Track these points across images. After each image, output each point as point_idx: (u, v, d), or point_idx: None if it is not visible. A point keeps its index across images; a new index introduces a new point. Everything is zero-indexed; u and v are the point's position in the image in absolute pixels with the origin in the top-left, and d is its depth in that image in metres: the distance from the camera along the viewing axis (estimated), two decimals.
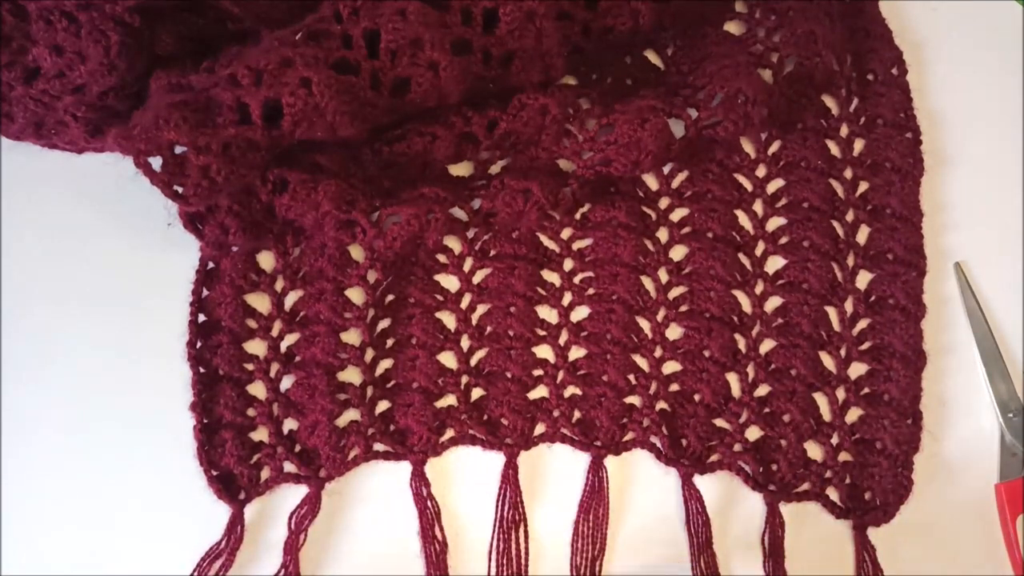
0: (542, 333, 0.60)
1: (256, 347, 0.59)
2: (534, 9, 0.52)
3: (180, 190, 0.51)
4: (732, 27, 0.64)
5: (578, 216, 0.62)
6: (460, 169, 0.63)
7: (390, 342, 0.60)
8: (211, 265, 0.60)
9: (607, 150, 0.58)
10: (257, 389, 0.58)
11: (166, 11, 0.52)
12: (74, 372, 0.59)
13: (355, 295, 0.60)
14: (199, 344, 0.59)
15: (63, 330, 0.60)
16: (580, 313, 0.61)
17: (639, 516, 0.57)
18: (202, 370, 0.58)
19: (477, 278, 0.61)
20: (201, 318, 0.59)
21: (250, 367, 0.58)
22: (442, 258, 0.61)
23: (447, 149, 0.59)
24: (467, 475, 0.58)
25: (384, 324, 0.60)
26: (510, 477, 0.57)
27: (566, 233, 0.62)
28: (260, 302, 0.60)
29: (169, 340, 0.59)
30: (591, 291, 0.61)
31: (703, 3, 0.62)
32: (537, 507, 0.57)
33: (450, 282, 0.61)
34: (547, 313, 0.61)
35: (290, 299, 0.60)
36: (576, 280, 0.61)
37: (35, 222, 0.61)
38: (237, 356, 0.58)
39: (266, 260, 0.60)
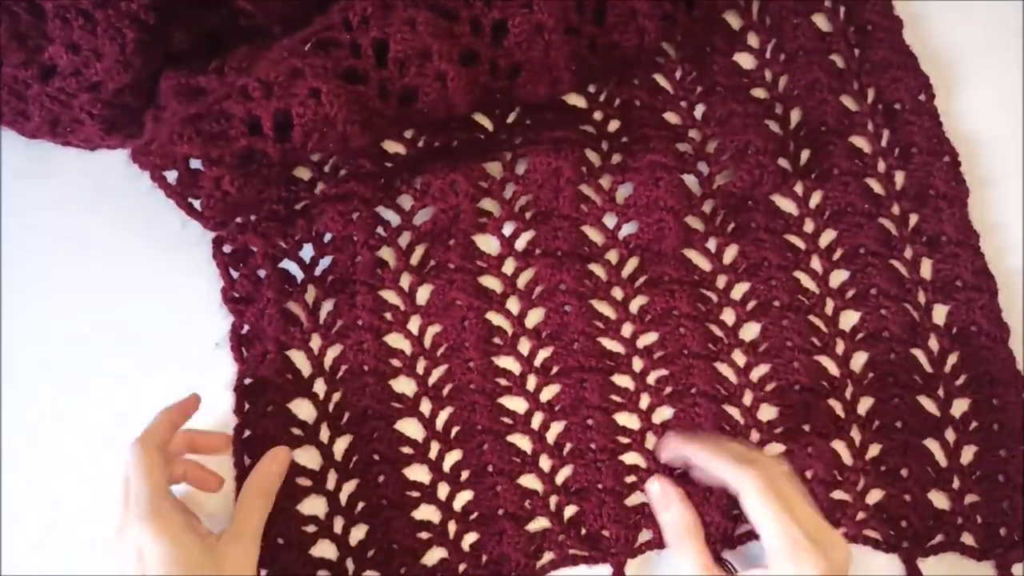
0: (626, 441, 0.57)
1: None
2: (543, 22, 0.53)
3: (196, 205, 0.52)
4: (743, 58, 0.64)
5: (635, 311, 0.59)
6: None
7: (465, 474, 0.56)
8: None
9: (628, 212, 0.59)
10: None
11: (181, 8, 0.53)
12: (74, 372, 0.58)
13: (412, 430, 0.57)
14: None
15: (67, 331, 0.58)
16: (664, 413, 0.58)
17: None
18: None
19: (545, 396, 0.58)
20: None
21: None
22: (503, 381, 0.58)
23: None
24: None
25: (455, 457, 0.57)
26: None
27: (627, 330, 0.59)
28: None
29: (177, 342, 0.58)
30: (669, 389, 0.58)
31: (713, 32, 0.63)
32: None
33: (517, 404, 0.58)
34: (627, 419, 0.58)
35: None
36: (650, 380, 0.58)
37: (44, 220, 0.60)
38: None
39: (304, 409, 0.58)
